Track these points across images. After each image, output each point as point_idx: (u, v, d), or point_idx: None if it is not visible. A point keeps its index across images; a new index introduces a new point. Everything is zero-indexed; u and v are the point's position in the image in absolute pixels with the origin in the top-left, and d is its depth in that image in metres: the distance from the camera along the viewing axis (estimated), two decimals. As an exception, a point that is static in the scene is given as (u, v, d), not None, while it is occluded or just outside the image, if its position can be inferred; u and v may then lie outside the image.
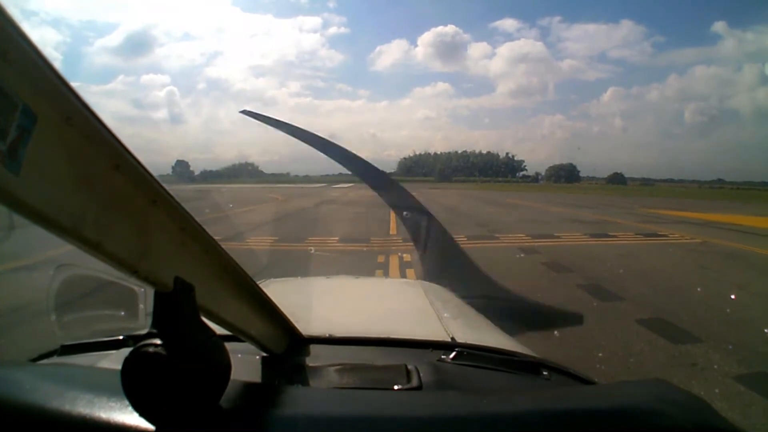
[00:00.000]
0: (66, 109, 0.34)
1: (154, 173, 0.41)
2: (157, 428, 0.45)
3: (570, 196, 32.71)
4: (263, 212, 13.61)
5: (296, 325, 0.84)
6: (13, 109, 0.30)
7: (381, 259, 6.61)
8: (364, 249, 7.37)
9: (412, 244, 8.06)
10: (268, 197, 23.72)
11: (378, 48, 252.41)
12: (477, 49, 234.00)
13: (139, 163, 0.39)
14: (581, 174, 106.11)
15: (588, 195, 35.79)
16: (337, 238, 8.54)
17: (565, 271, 5.97)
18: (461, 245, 8.18)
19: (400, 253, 6.96)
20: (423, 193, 32.50)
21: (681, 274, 6.06)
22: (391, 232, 9.98)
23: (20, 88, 0.30)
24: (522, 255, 7.35)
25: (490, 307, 1.05)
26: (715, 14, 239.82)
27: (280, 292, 1.04)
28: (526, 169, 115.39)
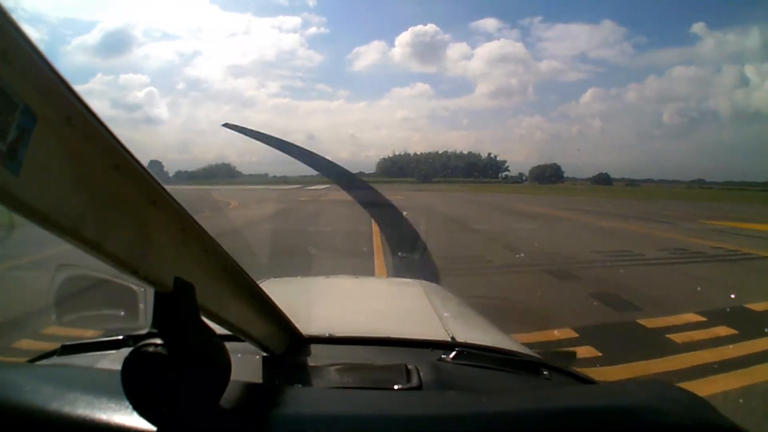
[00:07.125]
0: (66, 109, 0.33)
1: None
2: (157, 428, 0.45)
3: (579, 200, 27.79)
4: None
5: (296, 325, 0.83)
6: (13, 109, 0.30)
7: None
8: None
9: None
10: (222, 202, 19.34)
11: (356, 49, 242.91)
12: (456, 50, 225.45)
13: (138, 163, 0.39)
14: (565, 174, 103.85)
15: (595, 198, 30.60)
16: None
17: None
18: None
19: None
20: (408, 197, 26.43)
21: None
22: (376, 272, 5.79)
23: (20, 88, 0.30)
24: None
25: None
26: (695, 15, 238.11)
27: (280, 292, 1.00)
28: (509, 170, 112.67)
